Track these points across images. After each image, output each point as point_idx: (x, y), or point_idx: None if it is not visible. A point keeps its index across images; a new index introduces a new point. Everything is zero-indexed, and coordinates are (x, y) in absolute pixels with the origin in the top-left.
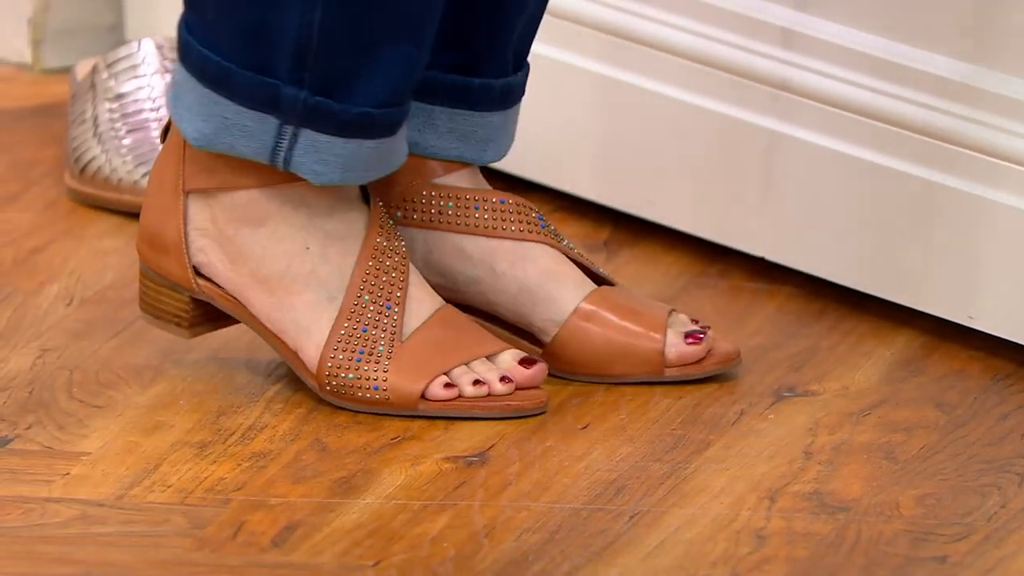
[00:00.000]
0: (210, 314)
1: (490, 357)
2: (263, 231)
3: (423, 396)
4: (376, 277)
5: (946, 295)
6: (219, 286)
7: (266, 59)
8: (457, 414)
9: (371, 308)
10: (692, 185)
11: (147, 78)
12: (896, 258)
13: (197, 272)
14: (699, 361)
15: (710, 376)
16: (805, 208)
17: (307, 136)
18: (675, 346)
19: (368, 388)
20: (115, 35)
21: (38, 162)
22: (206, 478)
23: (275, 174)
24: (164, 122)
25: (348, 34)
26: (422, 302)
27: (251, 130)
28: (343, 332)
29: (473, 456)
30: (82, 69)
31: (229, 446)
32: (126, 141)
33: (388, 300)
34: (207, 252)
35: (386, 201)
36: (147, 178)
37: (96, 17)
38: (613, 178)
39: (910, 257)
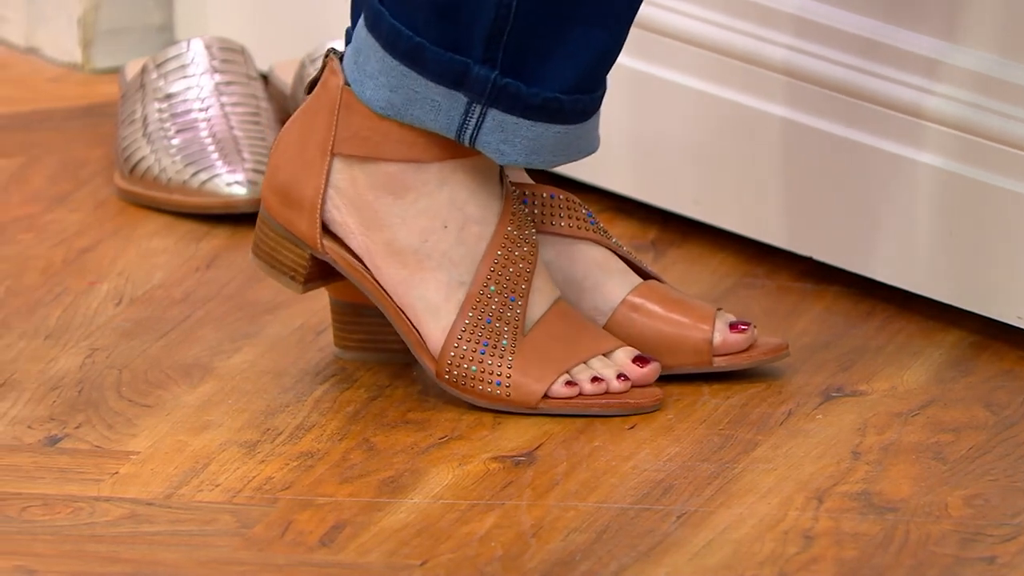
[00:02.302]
0: (325, 271)
1: (606, 354)
2: (403, 203)
3: (545, 395)
4: (504, 268)
5: (995, 295)
6: (346, 247)
7: (460, 37)
8: (576, 412)
9: (496, 299)
10: (739, 185)
11: (196, 78)
12: (945, 258)
13: (324, 228)
14: (747, 350)
15: (757, 375)
16: (853, 207)
17: (494, 116)
18: (721, 332)
19: (490, 382)
20: (165, 35)
21: (88, 162)
22: (254, 477)
23: (427, 152)
24: (308, 79)
25: (544, 17)
26: (543, 292)
27: (440, 105)
28: (467, 321)
29: (520, 456)
30: (131, 69)
31: (277, 445)
32: (175, 141)
33: (513, 292)
34: (342, 212)
35: None
36: (196, 178)
37: (146, 17)
38: (660, 178)
39: (959, 257)
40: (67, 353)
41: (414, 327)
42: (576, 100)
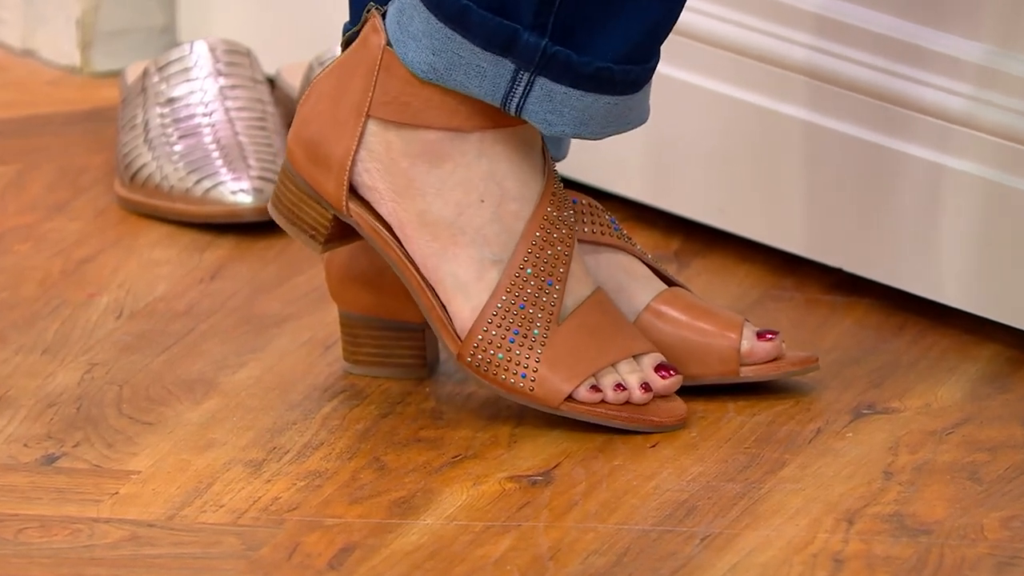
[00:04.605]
0: (346, 231)
1: (635, 357)
2: (440, 172)
3: (569, 397)
4: (542, 250)
5: None
6: (373, 212)
7: (509, 1)
8: (596, 421)
9: (532, 283)
10: (766, 193)
11: (199, 82)
12: (980, 269)
13: (352, 191)
14: (775, 360)
15: (785, 392)
16: (884, 217)
17: (543, 84)
18: (748, 340)
19: (515, 373)
20: (167, 37)
21: (87, 169)
22: (260, 498)
23: (468, 120)
24: (345, 36)
25: None
26: (580, 281)
27: (485, 71)
28: (500, 305)
29: (537, 475)
30: (133, 72)
31: (284, 464)
32: (178, 147)
33: (550, 276)
34: (373, 176)
35: None
36: (200, 186)
37: (147, 18)
38: (684, 186)
39: (994, 268)
40: (65, 368)
41: (441, 303)
42: (627, 71)
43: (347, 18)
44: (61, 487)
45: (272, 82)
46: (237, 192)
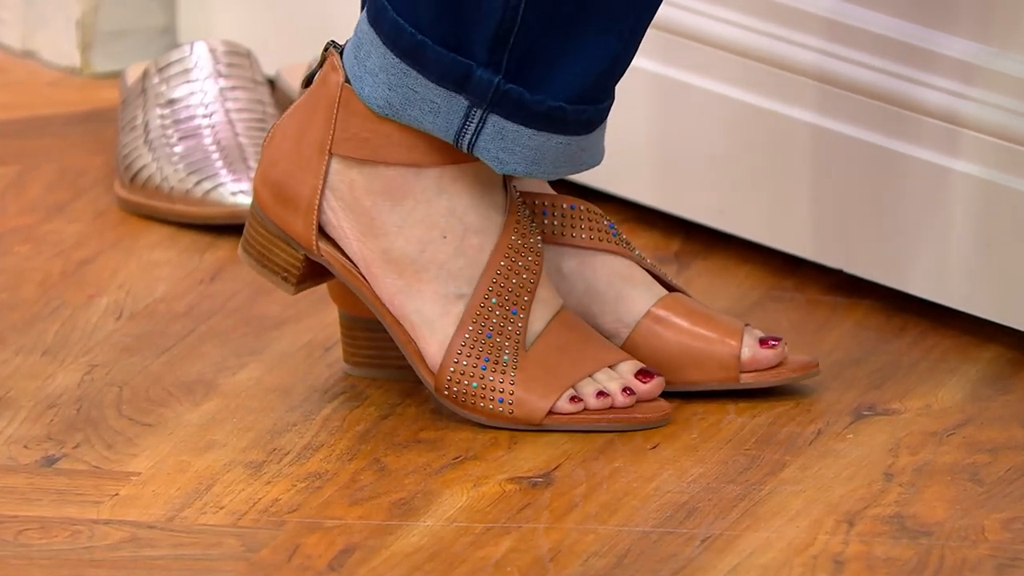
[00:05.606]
0: (318, 271)
1: (611, 367)
2: (401, 209)
3: (550, 411)
4: (506, 279)
5: None
6: (342, 251)
7: (464, 38)
8: (582, 428)
9: (497, 312)
10: (766, 194)
11: (200, 83)
12: (981, 270)
13: (320, 230)
14: (776, 367)
15: (785, 393)
16: (885, 218)
17: (495, 122)
18: (750, 347)
19: (492, 399)
20: (167, 38)
21: (87, 170)
22: (260, 499)
23: (427, 156)
24: (307, 71)
25: (553, 21)
26: (546, 303)
27: (439, 107)
28: (467, 336)
29: (538, 477)
30: (133, 73)
31: (284, 466)
32: (178, 148)
33: (515, 305)
34: (338, 215)
35: None
36: (200, 187)
37: (147, 19)
38: (683, 187)
39: (996, 269)
40: (65, 369)
41: (411, 339)
42: (581, 111)
43: (343, 21)
44: (61, 488)
45: (272, 83)
46: (237, 193)
